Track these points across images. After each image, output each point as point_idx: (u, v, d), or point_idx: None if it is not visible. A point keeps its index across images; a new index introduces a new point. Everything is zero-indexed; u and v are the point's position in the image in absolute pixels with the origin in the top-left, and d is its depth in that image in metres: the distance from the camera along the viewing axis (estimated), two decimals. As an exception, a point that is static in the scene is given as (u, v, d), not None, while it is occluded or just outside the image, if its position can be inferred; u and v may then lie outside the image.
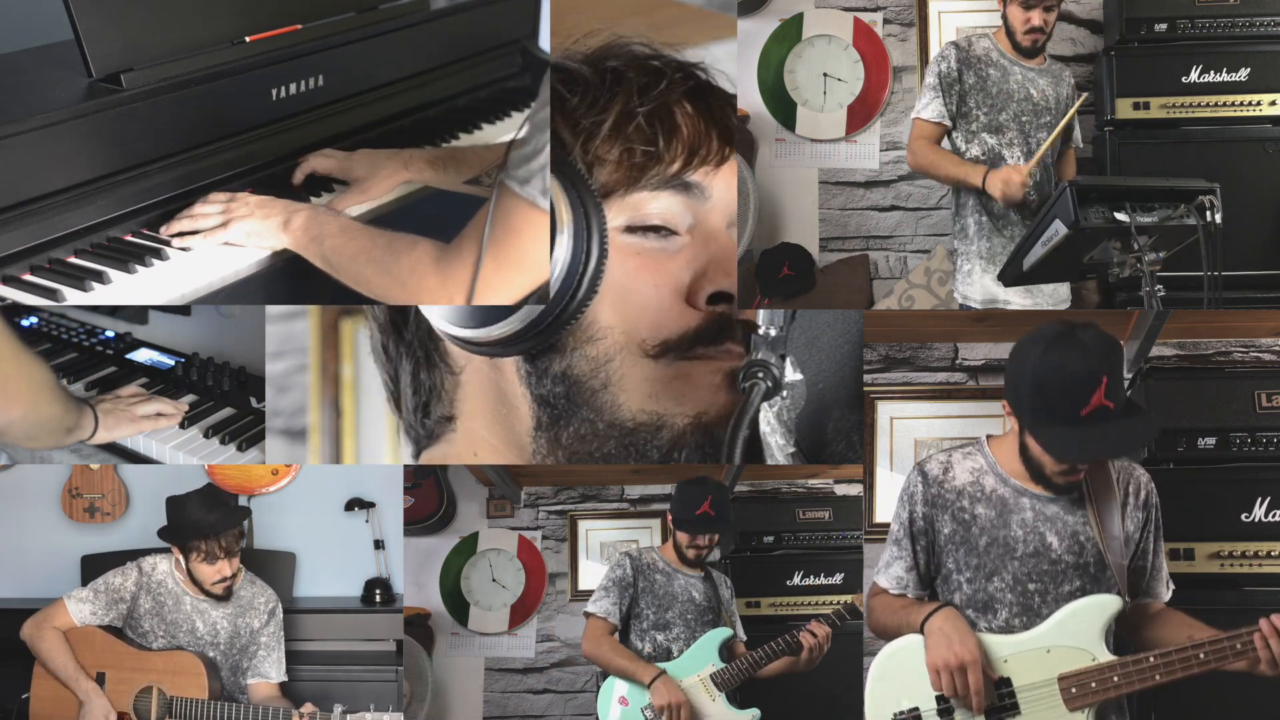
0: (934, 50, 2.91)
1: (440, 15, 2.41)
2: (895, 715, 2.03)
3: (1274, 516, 2.63)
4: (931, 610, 2.01)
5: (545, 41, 2.53)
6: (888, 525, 2.21)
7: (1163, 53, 2.91)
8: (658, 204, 1.60)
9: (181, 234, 1.95)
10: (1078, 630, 1.98)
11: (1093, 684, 1.95)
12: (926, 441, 3.07)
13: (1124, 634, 2.07)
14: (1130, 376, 2.94)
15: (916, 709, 2.02)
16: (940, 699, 2.00)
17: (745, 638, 2.75)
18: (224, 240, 1.93)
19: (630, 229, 1.59)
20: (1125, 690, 1.94)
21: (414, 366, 1.72)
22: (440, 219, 2.15)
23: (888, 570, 2.13)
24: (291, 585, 3.04)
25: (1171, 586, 2.10)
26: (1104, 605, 1.98)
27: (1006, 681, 1.98)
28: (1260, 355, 2.97)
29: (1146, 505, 2.05)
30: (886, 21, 2.98)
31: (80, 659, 2.51)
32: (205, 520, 2.50)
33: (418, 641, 3.37)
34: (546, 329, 1.56)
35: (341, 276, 1.80)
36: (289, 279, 1.96)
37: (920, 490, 2.09)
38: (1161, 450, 2.66)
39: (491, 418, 1.69)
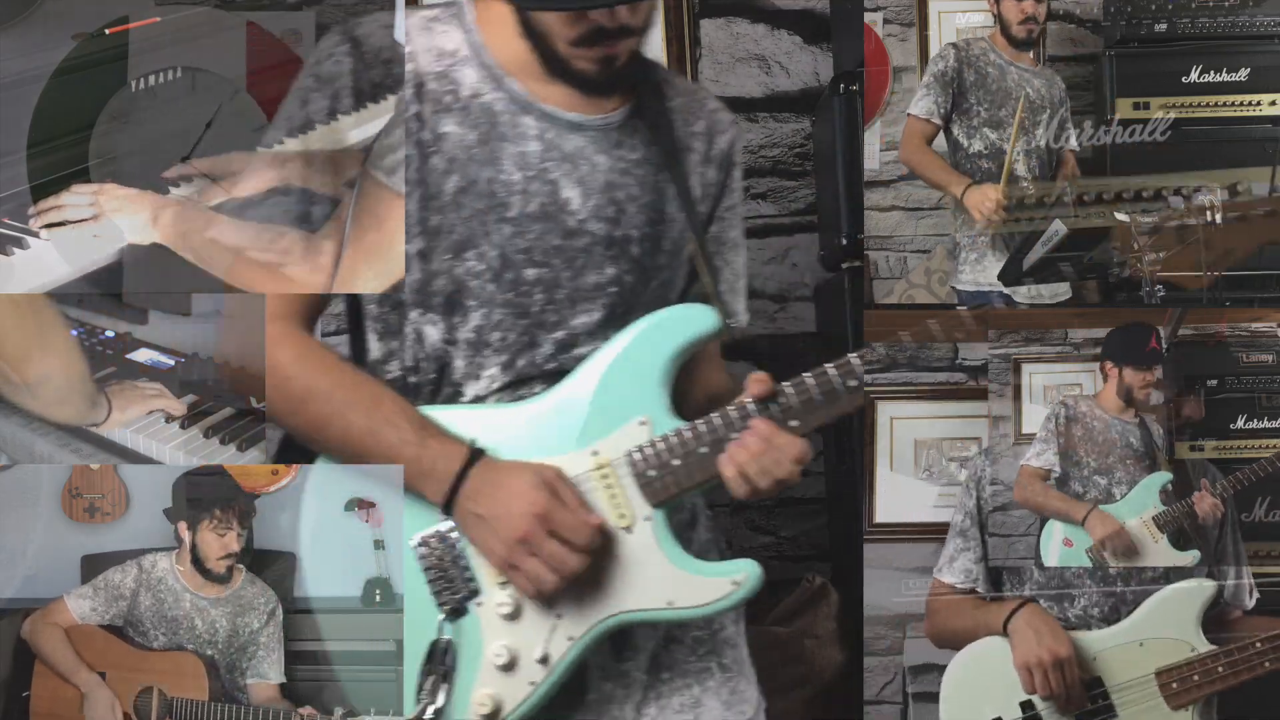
0: (934, 50, 2.76)
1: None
2: None
3: (1274, 516, 2.63)
4: (1014, 608, 1.91)
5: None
6: (888, 525, 2.17)
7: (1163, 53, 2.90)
8: None
9: (50, 225, 1.98)
10: (1171, 619, 1.86)
11: (1195, 677, 1.83)
12: (926, 441, 3.06)
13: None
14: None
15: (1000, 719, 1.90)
16: (1025, 705, 1.88)
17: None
18: (95, 233, 1.98)
19: None
20: (1232, 682, 1.83)
21: None
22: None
23: (953, 565, 2.04)
24: (291, 585, 3.03)
25: (1255, 595, 2.04)
26: (1196, 591, 1.89)
27: (1098, 682, 1.86)
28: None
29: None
30: (886, 21, 2.83)
31: (81, 658, 2.50)
32: None
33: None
34: None
35: (212, 270, 1.86)
36: (151, 267, 1.97)
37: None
38: (1162, 449, 2.65)
39: None
